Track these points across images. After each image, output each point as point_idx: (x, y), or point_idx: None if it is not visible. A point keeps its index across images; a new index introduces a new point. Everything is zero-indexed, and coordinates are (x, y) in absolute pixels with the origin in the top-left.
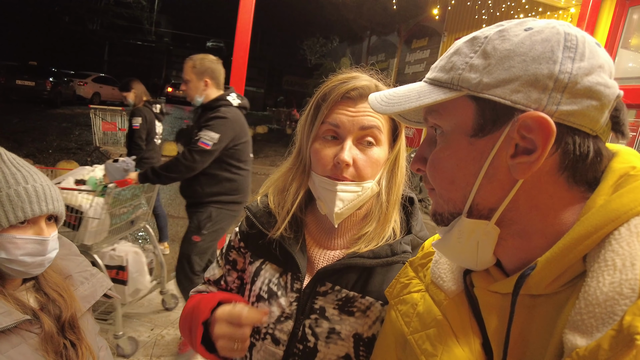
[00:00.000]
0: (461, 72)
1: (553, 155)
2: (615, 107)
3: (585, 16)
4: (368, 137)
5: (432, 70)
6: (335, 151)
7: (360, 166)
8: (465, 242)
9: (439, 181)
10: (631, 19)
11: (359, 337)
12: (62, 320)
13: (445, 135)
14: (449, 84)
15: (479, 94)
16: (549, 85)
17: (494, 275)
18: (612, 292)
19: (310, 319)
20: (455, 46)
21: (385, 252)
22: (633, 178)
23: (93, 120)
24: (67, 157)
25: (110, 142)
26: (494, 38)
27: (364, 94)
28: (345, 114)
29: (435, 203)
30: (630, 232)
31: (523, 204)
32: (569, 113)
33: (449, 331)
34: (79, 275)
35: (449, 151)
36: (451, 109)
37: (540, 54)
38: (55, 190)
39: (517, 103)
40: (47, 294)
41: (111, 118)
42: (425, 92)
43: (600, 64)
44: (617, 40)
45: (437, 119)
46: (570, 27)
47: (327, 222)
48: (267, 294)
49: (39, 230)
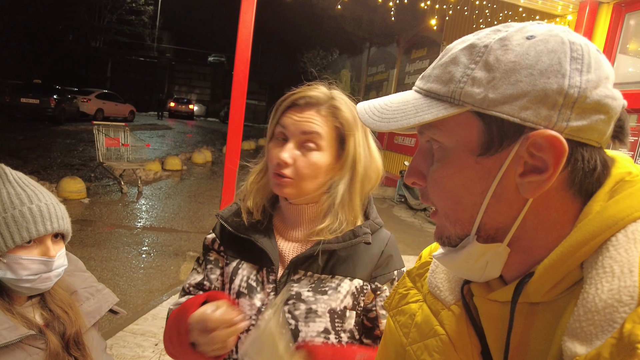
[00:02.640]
0: (463, 85)
1: (563, 172)
2: (620, 117)
3: (582, 23)
4: (309, 143)
5: (424, 80)
6: (279, 150)
7: (299, 166)
8: (474, 263)
9: (444, 201)
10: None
11: (333, 311)
12: (66, 336)
13: (446, 151)
14: (450, 98)
15: (485, 110)
16: (559, 101)
17: (493, 284)
18: (611, 299)
19: (288, 304)
20: (451, 54)
21: (349, 236)
22: (629, 184)
23: (96, 137)
24: (71, 173)
25: (114, 157)
26: (495, 48)
27: (311, 102)
28: (292, 118)
29: (441, 226)
30: (627, 239)
31: (530, 222)
32: (579, 129)
33: (448, 341)
34: (85, 290)
35: (452, 169)
36: (453, 124)
37: (547, 67)
38: (60, 208)
39: (526, 121)
40: (52, 311)
41: (114, 134)
42: (422, 106)
43: (606, 74)
44: (615, 46)
45: (436, 134)
46: (572, 34)
47: (290, 216)
48: (246, 290)
49: (45, 249)
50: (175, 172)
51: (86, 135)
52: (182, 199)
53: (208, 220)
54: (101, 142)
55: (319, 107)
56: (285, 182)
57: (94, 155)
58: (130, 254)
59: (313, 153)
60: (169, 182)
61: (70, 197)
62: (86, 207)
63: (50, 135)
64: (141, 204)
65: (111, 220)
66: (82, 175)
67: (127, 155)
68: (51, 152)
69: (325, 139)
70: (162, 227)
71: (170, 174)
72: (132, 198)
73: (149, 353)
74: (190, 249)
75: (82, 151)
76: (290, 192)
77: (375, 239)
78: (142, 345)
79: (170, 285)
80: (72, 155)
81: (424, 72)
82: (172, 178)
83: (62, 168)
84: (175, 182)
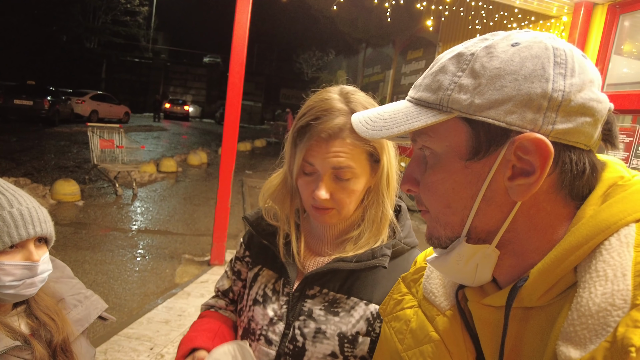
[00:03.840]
0: (450, 92)
1: (551, 174)
2: (607, 120)
3: (577, 24)
4: (342, 175)
5: (416, 89)
6: (314, 187)
7: (338, 198)
8: (464, 265)
9: (435, 205)
10: (623, 25)
11: (343, 335)
12: (53, 344)
13: (437, 156)
14: (438, 105)
15: (472, 116)
16: (544, 104)
17: (487, 289)
18: (605, 303)
19: (299, 320)
20: (440, 63)
21: (367, 257)
22: (621, 188)
23: (91, 138)
24: (65, 175)
25: (108, 159)
26: (481, 55)
27: (334, 134)
28: (319, 154)
29: (431, 226)
30: (620, 242)
31: (521, 225)
32: (565, 131)
33: (442, 347)
34: (72, 298)
35: (443, 174)
36: (442, 131)
37: (531, 72)
38: (42, 212)
39: (512, 125)
40: (38, 318)
41: (109, 135)
42: (412, 114)
43: (591, 78)
44: (610, 47)
45: (427, 141)
46: (556, 40)
47: (318, 229)
48: (262, 298)
49: (28, 254)
50: (171, 174)
51: (80, 137)
52: (177, 201)
53: (204, 223)
54: (95, 144)
55: (343, 134)
56: (327, 212)
57: (89, 157)
58: (125, 257)
59: (349, 181)
60: (164, 184)
61: (64, 199)
62: (80, 209)
63: (44, 137)
64: (136, 206)
65: (106, 222)
66: (76, 177)
67: (122, 157)
68: (45, 154)
69: (358, 166)
70: (157, 230)
71: (166, 175)
72: (127, 200)
73: (144, 357)
74: (185, 251)
75: (77, 153)
76: (333, 220)
77: (402, 261)
78: (137, 350)
79: (166, 288)
80: (66, 157)
81: (416, 82)
82: (167, 180)
83: (56, 170)
84: (171, 184)
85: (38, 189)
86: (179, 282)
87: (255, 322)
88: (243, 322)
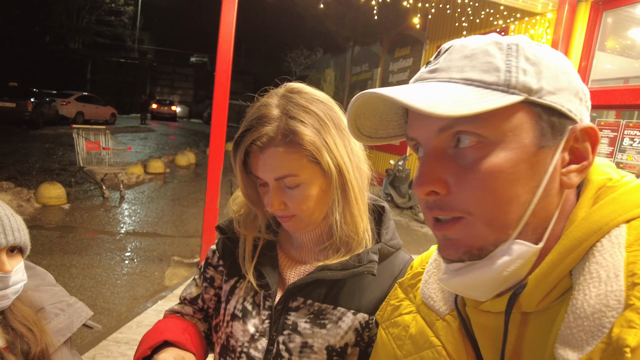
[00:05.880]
0: (516, 74)
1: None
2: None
3: (562, 21)
4: (287, 183)
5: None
6: (267, 199)
7: (293, 206)
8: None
9: (490, 203)
10: (606, 22)
11: (331, 348)
12: (31, 356)
13: (490, 146)
14: (502, 87)
15: (540, 100)
16: (583, 98)
17: None
18: (599, 304)
19: (283, 335)
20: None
21: (353, 264)
22: (611, 189)
23: (76, 140)
24: (51, 178)
25: (95, 161)
26: (525, 46)
27: (265, 145)
28: (258, 166)
29: (473, 235)
30: (612, 244)
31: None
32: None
33: (444, 353)
34: (53, 306)
35: (505, 164)
36: (501, 115)
37: (569, 68)
38: (16, 220)
39: (572, 112)
40: (14, 330)
41: (95, 137)
42: (473, 94)
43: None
44: (594, 44)
45: (479, 127)
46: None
47: (296, 237)
48: (241, 313)
49: (0, 264)
50: (158, 175)
51: (66, 139)
52: (165, 202)
53: (192, 224)
54: (81, 146)
55: (275, 142)
56: (290, 219)
57: (74, 159)
58: (113, 260)
59: (298, 189)
60: (151, 186)
61: (49, 203)
62: (67, 213)
63: (28, 139)
64: (124, 208)
65: (93, 226)
66: (62, 180)
67: (109, 159)
68: (29, 157)
69: (302, 172)
70: (146, 232)
71: (153, 177)
72: (114, 203)
73: None
74: (174, 253)
75: (62, 155)
76: (300, 226)
77: (389, 264)
78: (126, 355)
79: (155, 291)
80: (52, 160)
81: (439, 65)
82: (155, 181)
83: (41, 173)
84: (159, 186)
85: (22, 193)
86: (169, 285)
87: (234, 339)
88: (220, 338)
